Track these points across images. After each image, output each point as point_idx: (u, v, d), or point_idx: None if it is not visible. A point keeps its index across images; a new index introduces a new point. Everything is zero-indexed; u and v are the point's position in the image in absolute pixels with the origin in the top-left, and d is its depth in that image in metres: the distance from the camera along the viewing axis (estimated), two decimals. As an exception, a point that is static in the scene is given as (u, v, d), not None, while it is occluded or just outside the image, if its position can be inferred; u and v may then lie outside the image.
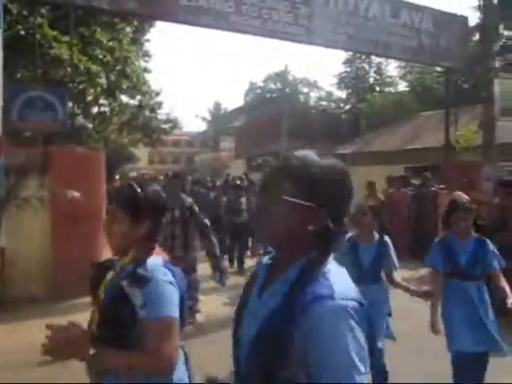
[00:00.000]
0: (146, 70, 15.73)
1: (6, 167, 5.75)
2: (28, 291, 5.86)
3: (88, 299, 5.90)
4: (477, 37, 21.10)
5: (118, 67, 11.76)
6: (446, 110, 11.11)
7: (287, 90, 44.33)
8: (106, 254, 7.30)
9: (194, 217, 5.04)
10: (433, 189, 9.03)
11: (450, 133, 10.92)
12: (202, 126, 61.90)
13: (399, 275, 7.52)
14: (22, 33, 8.80)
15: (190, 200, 5.22)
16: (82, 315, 5.64)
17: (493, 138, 10.04)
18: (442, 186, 8.57)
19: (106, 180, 7.16)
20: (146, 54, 16.68)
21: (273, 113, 28.06)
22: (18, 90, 6.98)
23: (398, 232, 8.83)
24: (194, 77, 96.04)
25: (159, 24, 16.51)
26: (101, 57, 10.71)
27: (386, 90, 31.69)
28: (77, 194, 5.63)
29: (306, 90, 46.84)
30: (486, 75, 10.03)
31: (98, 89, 10.78)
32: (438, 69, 17.92)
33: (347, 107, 33.41)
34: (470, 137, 11.53)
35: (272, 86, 46.23)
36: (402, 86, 30.08)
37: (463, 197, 7.37)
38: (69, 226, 6.04)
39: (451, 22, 10.65)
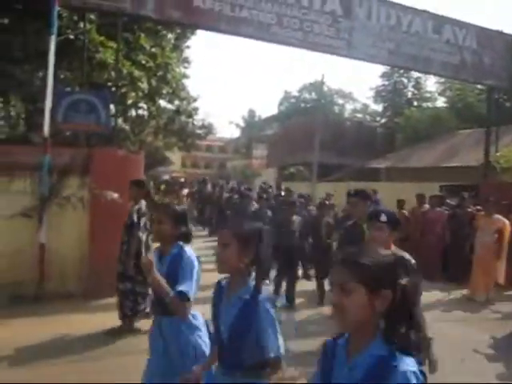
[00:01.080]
0: (184, 76, 16.07)
1: (51, 166, 5.98)
2: (64, 287, 6.06)
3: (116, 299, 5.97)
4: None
5: (160, 73, 12.07)
6: (486, 129, 10.85)
7: (322, 100, 44.29)
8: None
9: None
10: (469, 210, 8.80)
11: (491, 152, 10.64)
12: (235, 133, 62.47)
13: (432, 296, 7.40)
14: (71, 37, 9.16)
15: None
16: (111, 315, 5.80)
17: (535, 159, 9.74)
18: (479, 207, 8.34)
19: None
20: (186, 61, 17.03)
21: (307, 123, 28.01)
22: (63, 92, 7.26)
23: (432, 252, 8.66)
24: (230, 84, 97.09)
25: (199, 32, 16.81)
26: (143, 62, 11.03)
27: (424, 105, 31.15)
28: (116, 196, 5.80)
29: (341, 101, 46.65)
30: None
31: (140, 93, 11.08)
32: (479, 86, 17.54)
33: (383, 121, 33.02)
34: (511, 157, 11.19)
35: (307, 95, 46.22)
36: (441, 102, 29.56)
37: None
38: (106, 227, 6.20)
39: (495, 39, 10.43)
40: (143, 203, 5.05)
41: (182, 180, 21.09)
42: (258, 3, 7.82)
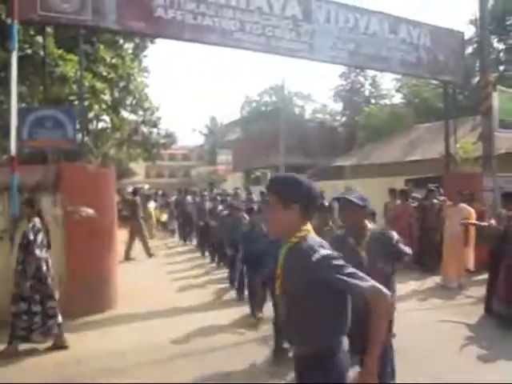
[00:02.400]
0: (145, 86, 15.88)
1: (20, 185, 5.80)
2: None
3: (99, 317, 5.91)
4: (469, 50, 21.59)
5: (122, 84, 11.91)
6: (445, 122, 11.29)
7: (282, 103, 44.71)
8: (119, 269, 7.30)
9: None
10: (435, 201, 9.14)
11: (450, 144, 11.08)
12: (198, 140, 62.13)
13: (407, 287, 7.65)
14: (29, 52, 8.91)
15: None
16: (94, 333, 5.71)
17: (492, 149, 10.21)
18: (444, 198, 8.68)
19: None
20: (145, 70, 16.88)
21: (269, 126, 28.25)
22: (27, 109, 7.06)
23: (404, 244, 8.92)
24: (190, 91, 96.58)
25: (157, 40, 16.70)
26: (105, 74, 10.86)
27: (382, 102, 32.07)
28: (91, 211, 5.69)
29: (300, 103, 47.29)
30: (484, 88, 10.22)
31: (103, 105, 10.90)
32: (434, 81, 18.22)
33: (343, 120, 33.74)
34: (469, 148, 11.68)
35: (267, 99, 46.61)
36: (398, 99, 30.51)
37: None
38: (82, 244, 6.08)
39: (447, 36, 10.87)
40: (37, 220, 5.02)
41: (148, 190, 20.76)
42: (219, 11, 7.87)
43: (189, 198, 13.96)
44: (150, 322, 6.10)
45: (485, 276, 6.81)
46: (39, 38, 8.96)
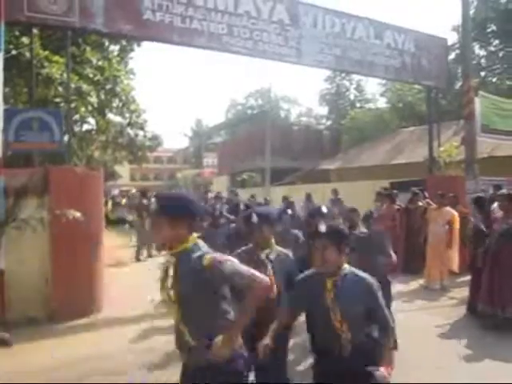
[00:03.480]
0: (132, 88, 15.79)
1: (5, 188, 5.73)
2: (27, 313, 5.80)
3: (84, 320, 5.86)
4: (452, 56, 22.03)
5: (108, 86, 11.84)
6: (429, 126, 11.48)
7: (268, 106, 44.91)
8: (106, 274, 7.25)
9: None
10: (420, 204, 9.28)
11: (434, 148, 11.28)
12: (183, 143, 61.94)
13: (392, 289, 7.74)
14: (14, 53, 8.81)
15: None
16: (80, 337, 5.68)
17: (474, 153, 10.44)
18: (429, 201, 8.82)
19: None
20: (131, 72, 16.78)
21: (255, 129, 28.33)
22: (14, 111, 6.99)
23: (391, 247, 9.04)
24: (175, 94, 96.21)
25: (144, 43, 16.64)
26: (91, 76, 10.79)
27: (366, 106, 32.44)
28: (78, 214, 5.65)
29: (286, 106, 47.56)
30: (467, 93, 10.44)
31: (89, 107, 10.82)
32: (417, 86, 18.52)
33: (328, 123, 34.03)
34: (452, 152, 11.91)
35: (253, 102, 46.77)
36: (382, 103, 30.93)
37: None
38: (69, 247, 6.04)
39: (431, 42, 11.09)
40: None
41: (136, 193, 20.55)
42: (208, 14, 7.90)
43: None
44: (137, 325, 6.07)
45: (468, 277, 6.94)
46: (25, 39, 8.89)
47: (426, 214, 8.45)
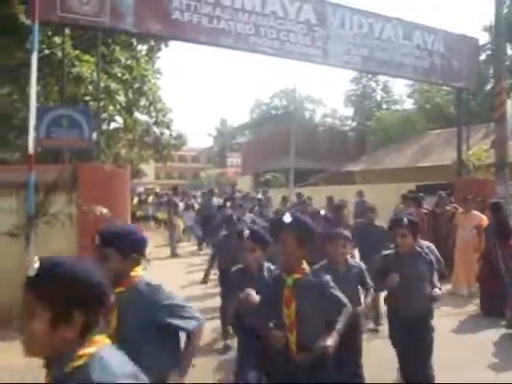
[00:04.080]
0: (159, 88, 16.01)
1: (36, 183, 5.88)
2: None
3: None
4: (483, 57, 21.50)
5: (136, 85, 12.04)
6: (458, 129, 11.25)
7: (293, 106, 44.81)
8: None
9: None
10: (448, 208, 9.09)
11: (462, 151, 11.05)
12: (207, 142, 62.41)
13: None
14: (46, 52, 9.06)
15: None
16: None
17: (505, 156, 10.17)
18: (456, 205, 8.63)
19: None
20: (158, 72, 17.00)
21: (279, 129, 28.28)
22: (44, 108, 7.17)
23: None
24: (201, 93, 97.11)
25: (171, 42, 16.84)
26: (119, 75, 11.00)
27: (393, 107, 31.99)
28: (105, 211, 5.75)
29: (311, 107, 47.32)
30: (499, 95, 10.18)
31: (117, 106, 11.03)
32: (446, 87, 18.15)
33: (353, 124, 33.71)
34: (481, 155, 11.64)
35: (277, 102, 46.70)
36: (409, 104, 30.44)
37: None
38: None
39: (461, 42, 10.87)
40: None
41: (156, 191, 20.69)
42: (235, 15, 7.94)
43: (214, 201, 12.81)
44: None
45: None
46: (56, 39, 9.10)
47: (454, 218, 8.27)
